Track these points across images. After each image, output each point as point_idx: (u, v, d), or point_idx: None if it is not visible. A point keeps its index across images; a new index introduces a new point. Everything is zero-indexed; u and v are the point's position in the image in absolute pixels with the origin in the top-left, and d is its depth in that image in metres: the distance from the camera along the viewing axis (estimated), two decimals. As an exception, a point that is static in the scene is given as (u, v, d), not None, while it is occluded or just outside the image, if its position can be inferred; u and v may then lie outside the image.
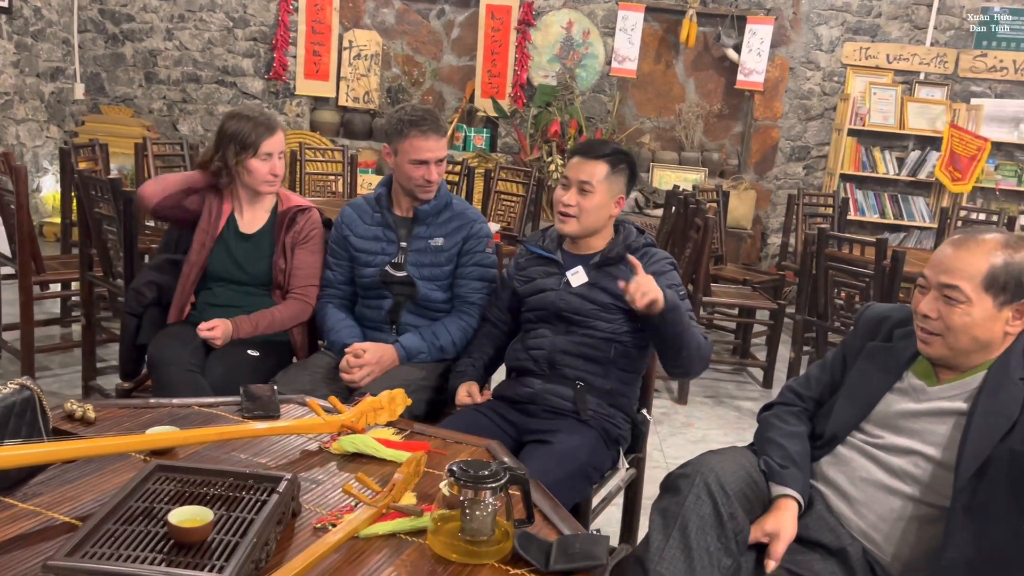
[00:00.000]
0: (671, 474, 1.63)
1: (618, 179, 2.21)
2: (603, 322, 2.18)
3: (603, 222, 2.22)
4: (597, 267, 2.22)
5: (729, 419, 4.14)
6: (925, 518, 1.59)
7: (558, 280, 2.25)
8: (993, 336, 1.59)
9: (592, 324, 2.18)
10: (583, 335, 2.19)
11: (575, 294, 2.20)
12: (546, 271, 2.28)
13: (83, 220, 3.52)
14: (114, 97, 7.03)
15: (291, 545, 1.34)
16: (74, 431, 1.67)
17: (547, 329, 2.24)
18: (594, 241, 2.26)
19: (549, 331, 2.23)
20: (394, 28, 7.00)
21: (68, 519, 1.35)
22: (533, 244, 2.35)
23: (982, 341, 1.59)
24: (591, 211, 2.19)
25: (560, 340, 2.20)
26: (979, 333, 1.58)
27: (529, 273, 2.32)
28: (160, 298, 2.58)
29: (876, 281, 3.54)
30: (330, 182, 5.42)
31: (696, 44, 6.77)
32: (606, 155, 2.20)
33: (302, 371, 2.38)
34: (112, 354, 3.92)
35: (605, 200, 2.19)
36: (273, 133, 2.49)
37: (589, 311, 2.18)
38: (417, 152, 2.36)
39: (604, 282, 2.19)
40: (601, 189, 2.18)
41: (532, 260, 2.33)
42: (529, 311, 2.29)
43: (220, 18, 6.90)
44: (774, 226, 7.03)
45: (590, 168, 2.19)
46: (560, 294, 2.22)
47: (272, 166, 2.50)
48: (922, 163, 6.67)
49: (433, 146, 2.37)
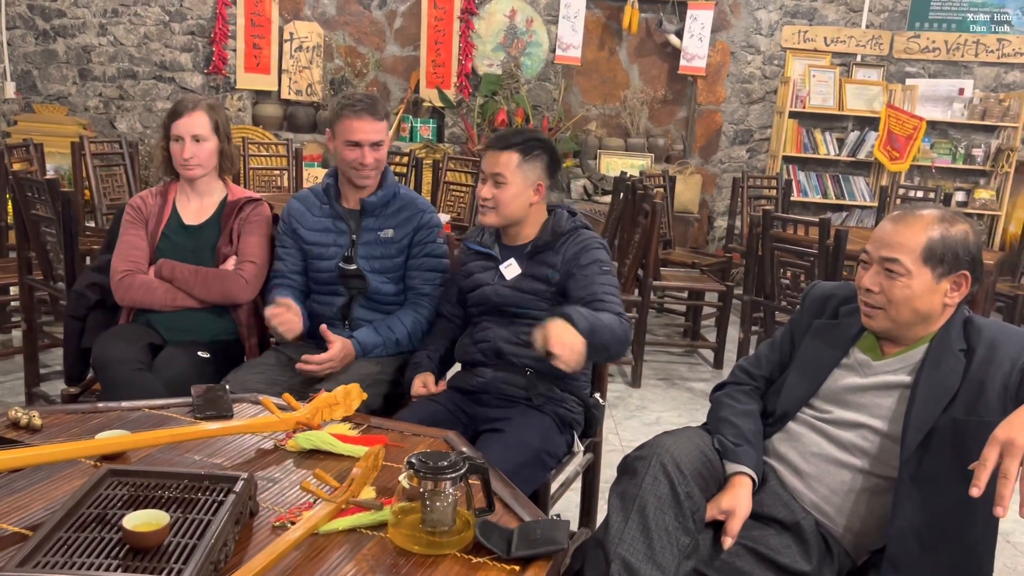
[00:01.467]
0: (627, 457, 1.65)
1: (533, 166, 2.19)
2: (540, 311, 2.17)
3: (524, 211, 2.22)
4: (530, 256, 2.23)
5: (682, 400, 4.20)
6: (874, 489, 1.63)
7: (493, 274, 2.26)
8: (933, 307, 1.64)
9: (531, 314, 2.19)
10: (525, 324, 2.18)
11: (509, 287, 2.22)
12: (483, 266, 2.30)
13: (19, 223, 3.42)
14: (47, 95, 6.82)
15: (250, 545, 1.32)
16: (20, 439, 1.62)
17: (490, 321, 2.26)
18: (525, 230, 2.26)
19: (492, 323, 2.25)
20: (335, 19, 6.92)
21: (18, 529, 1.32)
22: (472, 241, 2.35)
23: (922, 313, 1.64)
24: (507, 201, 2.18)
25: (503, 332, 2.22)
26: (919, 305, 1.63)
27: (469, 268, 2.33)
28: (103, 300, 2.53)
29: (820, 260, 3.62)
30: (275, 176, 5.34)
31: (639, 30, 6.82)
32: (516, 144, 2.18)
33: (253, 369, 2.35)
34: (55, 359, 3.82)
35: (520, 189, 2.18)
36: (181, 116, 2.44)
37: (525, 301, 2.20)
38: (351, 133, 2.34)
39: (536, 270, 2.21)
40: (515, 179, 2.17)
41: (472, 255, 2.34)
42: (472, 305, 2.32)
43: (156, 12, 6.73)
44: (720, 209, 7.13)
45: (502, 159, 2.18)
46: (495, 288, 2.23)
47: (183, 148, 2.44)
48: (861, 143, 6.83)
49: (366, 127, 2.33)
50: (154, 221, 2.51)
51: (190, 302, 2.44)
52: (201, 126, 2.45)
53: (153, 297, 2.42)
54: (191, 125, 2.44)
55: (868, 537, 1.65)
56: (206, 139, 2.47)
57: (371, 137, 2.35)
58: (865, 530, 1.64)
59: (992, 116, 6.72)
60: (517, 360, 2.19)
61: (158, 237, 2.50)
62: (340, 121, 2.36)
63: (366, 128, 2.34)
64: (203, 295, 2.44)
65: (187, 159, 2.44)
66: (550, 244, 2.21)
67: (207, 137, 2.47)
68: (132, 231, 2.49)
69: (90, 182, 4.65)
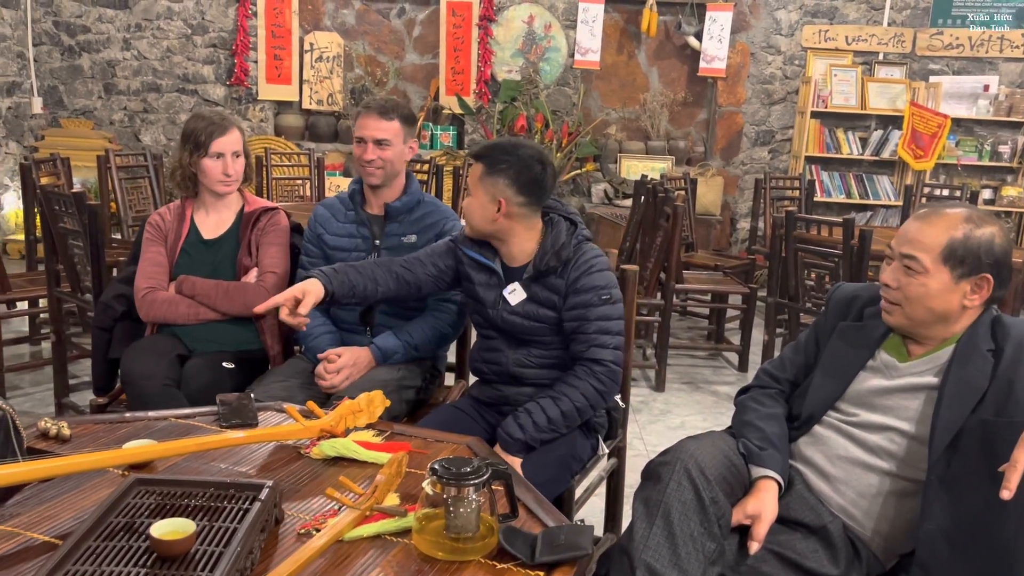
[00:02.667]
0: (652, 462, 1.64)
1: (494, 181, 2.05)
2: (552, 336, 2.11)
3: (488, 225, 2.07)
4: (533, 280, 2.10)
5: (706, 404, 4.18)
6: (902, 492, 1.62)
7: (497, 295, 2.13)
8: (950, 308, 1.62)
9: (541, 340, 2.12)
10: (536, 347, 2.13)
11: (515, 314, 2.11)
12: (486, 281, 2.16)
13: (48, 236, 3.47)
14: (73, 110, 6.92)
15: (276, 552, 1.33)
16: (49, 449, 1.64)
17: (500, 343, 2.17)
18: (515, 248, 2.12)
19: (503, 344, 2.16)
20: (355, 29, 6.96)
21: (48, 538, 1.33)
22: (468, 247, 2.18)
23: (938, 312, 1.62)
24: (468, 213, 2.10)
25: (514, 354, 2.14)
26: (935, 304, 1.61)
27: (469, 274, 2.19)
28: (130, 311, 2.55)
29: (845, 261, 3.59)
30: (297, 186, 5.38)
31: (657, 33, 6.80)
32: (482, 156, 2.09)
33: (278, 378, 2.37)
34: (84, 370, 3.87)
35: (482, 202, 2.07)
36: (224, 133, 2.48)
37: (535, 330, 2.11)
38: (358, 129, 2.41)
39: (542, 295, 2.09)
40: (476, 191, 2.08)
41: (470, 262, 2.19)
42: (475, 315, 2.23)
43: (178, 26, 6.81)
44: (743, 211, 7.09)
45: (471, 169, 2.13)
46: (499, 313, 2.12)
47: (224, 165, 2.48)
48: (885, 142, 6.76)
49: (370, 124, 2.38)
50: (173, 236, 2.54)
51: (213, 315, 2.46)
52: (238, 143, 2.52)
53: (176, 312, 2.44)
54: (232, 143, 2.49)
55: (897, 540, 1.63)
56: (241, 155, 2.54)
57: (374, 134, 2.38)
58: (894, 533, 1.62)
59: (1018, 112, 6.63)
60: (532, 380, 2.15)
61: (177, 253, 2.52)
62: (355, 120, 2.45)
63: (370, 125, 2.39)
64: (226, 308, 2.46)
65: (230, 175, 2.50)
66: (553, 268, 2.07)
67: (242, 153, 2.54)
68: (152, 248, 2.52)
69: (116, 195, 4.71)
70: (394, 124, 2.39)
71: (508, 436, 2.01)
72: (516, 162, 2.05)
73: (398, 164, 2.44)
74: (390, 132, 2.39)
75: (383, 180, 2.43)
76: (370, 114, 2.40)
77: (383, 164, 2.40)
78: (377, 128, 2.38)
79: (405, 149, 2.44)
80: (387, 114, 2.39)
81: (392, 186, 2.47)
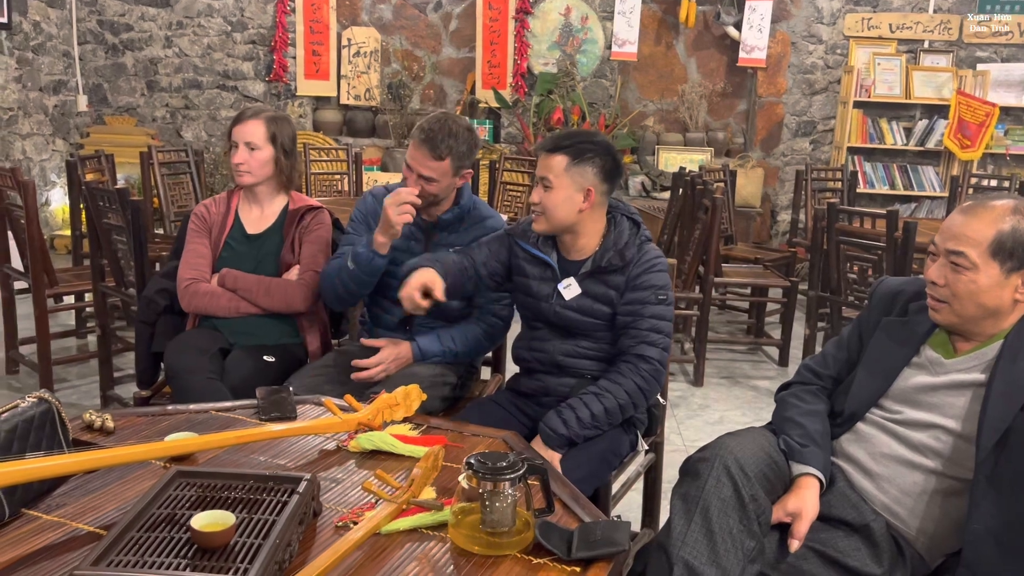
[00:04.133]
0: (690, 458, 1.62)
1: (582, 171, 2.03)
2: (603, 331, 2.11)
3: (572, 217, 2.05)
4: (590, 275, 2.10)
5: (746, 399, 4.13)
6: (948, 491, 1.58)
7: (551, 289, 2.12)
8: (1001, 303, 1.57)
9: (592, 334, 2.12)
10: (585, 339, 2.13)
11: (569, 308, 2.10)
12: (540, 275, 2.15)
13: (92, 231, 3.54)
14: (117, 107, 7.05)
15: (313, 544, 1.34)
16: (94, 441, 1.68)
17: (548, 332, 2.16)
18: (581, 241, 2.11)
19: (550, 335, 2.16)
20: (392, 23, 6.99)
21: (92, 528, 1.36)
22: (524, 241, 2.18)
23: (990, 308, 1.57)
24: (552, 208, 2.04)
25: (562, 345, 2.14)
26: (986, 300, 1.57)
27: (523, 268, 2.18)
28: (172, 305, 2.59)
29: (888, 254, 3.52)
30: (336, 181, 5.42)
31: (696, 24, 6.73)
32: (565, 147, 2.05)
33: (316, 371, 2.39)
34: (129, 363, 3.94)
35: (567, 194, 2.03)
36: (239, 122, 2.49)
37: (588, 325, 2.10)
38: (408, 154, 2.30)
39: (598, 290, 2.09)
40: (561, 183, 2.03)
41: (526, 256, 2.19)
42: (525, 309, 2.22)
43: (218, 23, 6.90)
44: (783, 203, 6.99)
45: (549, 162, 2.05)
46: (553, 307, 2.11)
47: (236, 154, 2.48)
48: (930, 132, 6.62)
49: (419, 158, 2.25)
50: (217, 229, 2.57)
51: (253, 309, 2.49)
52: (255, 135, 2.48)
53: (217, 305, 2.47)
54: (245, 133, 2.48)
55: (943, 540, 1.59)
56: (259, 148, 2.49)
57: (421, 171, 2.26)
58: (939, 533, 1.59)
59: (1070, 100, 6.44)
60: (577, 371, 2.15)
61: (221, 245, 2.55)
62: (410, 140, 2.30)
63: (419, 159, 2.26)
64: (266, 304, 2.49)
65: (238, 165, 2.49)
66: (615, 267, 2.07)
67: (260, 146, 2.49)
68: (197, 240, 2.55)
69: (158, 190, 4.79)
70: (443, 164, 2.26)
71: (551, 431, 2.00)
72: (600, 150, 2.06)
73: (445, 192, 2.33)
74: (438, 172, 2.26)
75: (424, 207, 2.31)
76: (422, 147, 2.24)
77: (425, 195, 2.28)
78: (425, 167, 2.25)
79: (455, 180, 2.33)
80: (437, 152, 2.24)
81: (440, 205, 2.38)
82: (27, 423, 1.45)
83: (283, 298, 2.48)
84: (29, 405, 1.48)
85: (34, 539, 1.32)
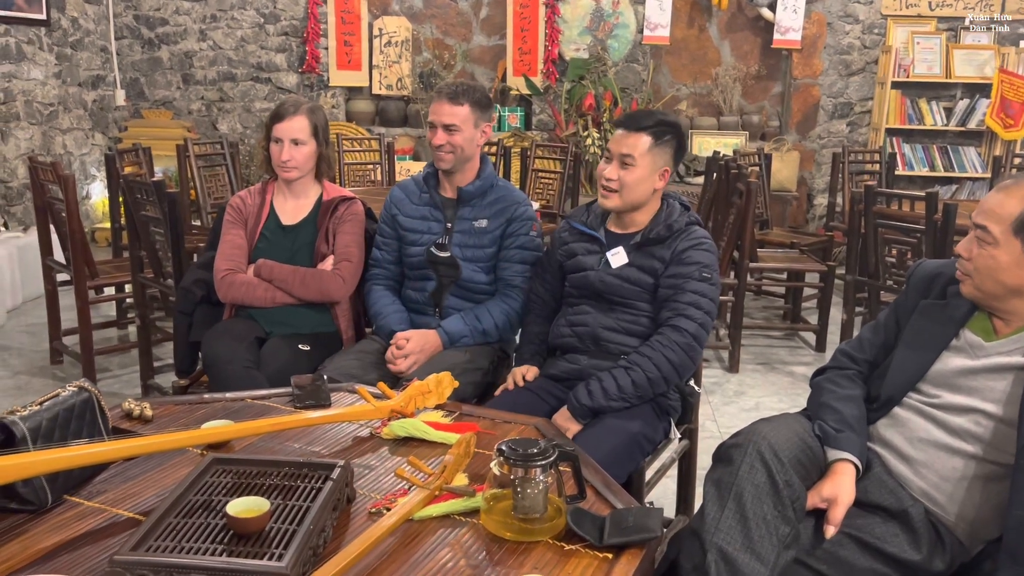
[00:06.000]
0: (723, 444, 1.61)
1: (663, 151, 2.14)
2: (644, 302, 2.16)
3: (646, 196, 2.16)
4: (638, 247, 2.18)
5: (782, 385, 4.09)
6: (988, 476, 1.55)
7: (598, 259, 2.22)
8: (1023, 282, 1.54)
9: (634, 304, 2.17)
10: (626, 313, 2.18)
11: (615, 275, 2.17)
12: (587, 248, 2.25)
13: (131, 223, 3.60)
14: (154, 101, 7.14)
15: (347, 530, 1.36)
16: (133, 429, 1.71)
17: (589, 306, 2.22)
18: (638, 216, 2.21)
19: (591, 307, 2.22)
20: (422, 12, 6.99)
21: (132, 514, 1.39)
22: (576, 220, 2.31)
23: (1010, 286, 1.55)
24: (632, 185, 2.12)
25: (603, 318, 2.19)
26: (1006, 278, 1.54)
27: (572, 248, 2.28)
28: (209, 295, 2.63)
29: (928, 236, 3.45)
30: (368, 171, 5.45)
31: (729, 5, 6.63)
32: (649, 127, 2.13)
33: (350, 357, 2.41)
34: (168, 352, 4.01)
35: (647, 174, 2.13)
36: (282, 119, 2.51)
37: (630, 292, 2.16)
38: (430, 114, 2.44)
39: (644, 262, 2.16)
40: (643, 162, 2.11)
41: (575, 235, 2.30)
42: (571, 287, 2.28)
43: (251, 15, 6.95)
44: (820, 186, 6.89)
45: (632, 141, 2.12)
46: (599, 275, 2.19)
47: (282, 151, 2.51)
48: (971, 112, 6.47)
49: (440, 109, 2.40)
50: (253, 220, 2.60)
51: (289, 300, 2.52)
52: (300, 130, 2.52)
53: (254, 295, 2.50)
54: (291, 129, 2.51)
55: (983, 526, 1.56)
56: (304, 143, 2.53)
57: (444, 119, 2.39)
58: (980, 519, 1.56)
59: (1118, 76, 6.25)
60: (615, 347, 2.17)
61: (257, 236, 2.58)
62: (429, 106, 2.47)
63: (440, 110, 2.40)
64: (302, 294, 2.51)
65: (284, 161, 2.52)
66: (662, 238, 2.15)
67: (306, 141, 2.53)
68: (233, 231, 2.58)
69: (195, 182, 4.85)
70: (463, 109, 2.39)
71: (575, 399, 2.05)
72: (677, 132, 2.17)
73: (469, 149, 2.43)
74: (459, 117, 2.38)
75: (453, 165, 2.43)
76: (441, 99, 2.40)
77: (452, 149, 2.40)
78: (446, 113, 2.38)
79: (477, 133, 2.43)
80: (457, 99, 2.39)
81: (465, 170, 2.47)
82: (68, 411, 1.49)
83: (318, 288, 2.51)
84: (70, 394, 1.52)
85: (76, 525, 1.36)
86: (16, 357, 4.18)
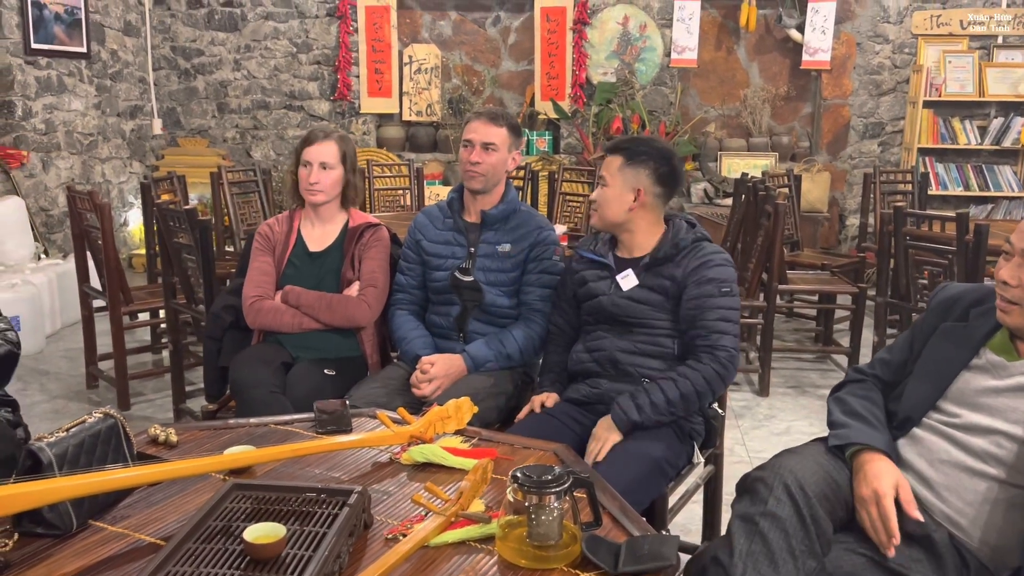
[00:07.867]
0: (748, 475, 1.59)
1: (635, 171, 2.18)
2: (659, 321, 2.17)
3: (621, 215, 2.20)
4: (647, 268, 2.21)
5: (814, 409, 4.03)
6: (1012, 501, 1.52)
7: (609, 284, 2.24)
8: None
9: (649, 324, 2.18)
10: (642, 334, 2.18)
11: (626, 298, 2.20)
12: (598, 275, 2.28)
13: (164, 250, 3.67)
14: (190, 129, 7.30)
15: (364, 556, 1.37)
16: (158, 454, 1.74)
17: (605, 330, 2.24)
18: (638, 239, 2.24)
19: (608, 332, 2.23)
20: (451, 39, 7.08)
21: (153, 539, 1.41)
22: (585, 249, 2.34)
23: None
24: (604, 203, 2.20)
25: (619, 341, 2.20)
26: None
27: (583, 276, 2.31)
28: (238, 321, 2.67)
29: (959, 257, 3.40)
30: (399, 196, 5.51)
31: (757, 27, 6.63)
32: (621, 149, 2.21)
33: (375, 384, 2.43)
34: (200, 377, 4.05)
35: (618, 192, 2.18)
36: (312, 143, 2.58)
37: (642, 312, 2.18)
38: (466, 133, 2.49)
39: (654, 282, 2.18)
40: (614, 182, 2.19)
41: (584, 263, 2.33)
42: (586, 314, 2.30)
43: (284, 45, 7.09)
44: (851, 207, 6.82)
45: (606, 161, 2.23)
46: (611, 299, 2.21)
47: (310, 173, 2.57)
48: (1006, 130, 6.38)
49: (479, 128, 2.46)
50: (280, 247, 2.65)
51: (316, 325, 2.55)
52: (330, 155, 2.58)
53: (281, 321, 2.54)
54: (320, 153, 2.57)
55: (1009, 552, 1.52)
56: (333, 167, 2.59)
57: (483, 137, 2.44)
58: (1006, 545, 1.52)
59: None
60: (633, 369, 2.17)
61: (284, 263, 2.63)
62: (465, 125, 2.52)
63: (479, 129, 2.46)
64: (328, 320, 2.55)
65: (312, 184, 2.57)
66: (670, 256, 2.19)
67: (334, 166, 2.59)
68: (261, 258, 2.63)
69: (228, 209, 4.94)
70: (502, 131, 2.47)
71: (622, 412, 2.06)
72: (655, 153, 2.20)
73: (500, 171, 2.48)
74: (498, 137, 2.45)
75: (484, 185, 2.47)
76: (480, 119, 2.49)
77: (486, 169, 2.45)
78: (486, 132, 2.45)
79: (508, 158, 2.50)
80: (496, 120, 2.48)
81: (491, 194, 2.51)
82: (94, 438, 1.52)
83: (344, 313, 2.54)
84: (96, 420, 1.55)
85: (99, 549, 1.38)
86: (54, 382, 4.27)
